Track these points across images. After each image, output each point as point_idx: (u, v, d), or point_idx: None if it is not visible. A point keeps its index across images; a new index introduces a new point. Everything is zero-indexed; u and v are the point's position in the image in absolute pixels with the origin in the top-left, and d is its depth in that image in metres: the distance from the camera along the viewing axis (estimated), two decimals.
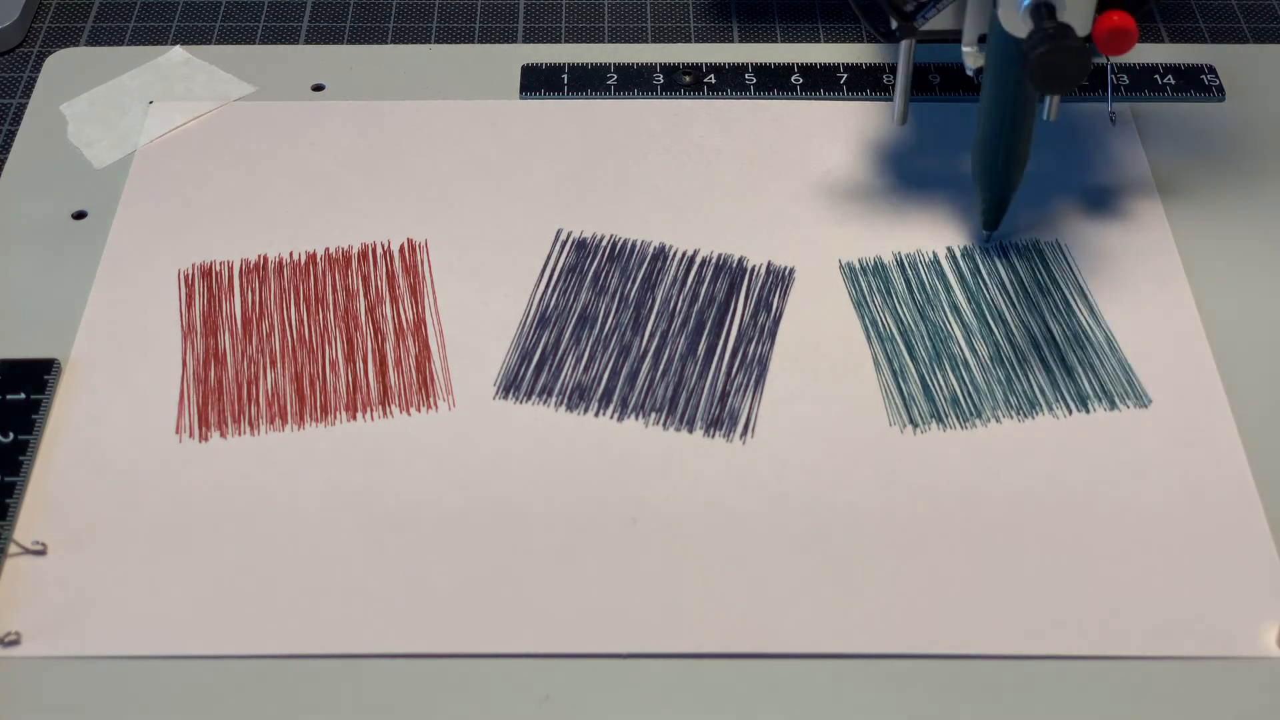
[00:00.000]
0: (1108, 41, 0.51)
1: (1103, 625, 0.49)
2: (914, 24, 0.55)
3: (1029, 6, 0.50)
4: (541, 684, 0.47)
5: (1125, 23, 0.51)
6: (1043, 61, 0.48)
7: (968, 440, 0.54)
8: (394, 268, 0.59)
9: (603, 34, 0.71)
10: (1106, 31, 0.51)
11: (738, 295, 0.58)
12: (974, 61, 0.56)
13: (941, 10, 0.55)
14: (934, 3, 0.55)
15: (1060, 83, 0.48)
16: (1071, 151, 0.64)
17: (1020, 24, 0.51)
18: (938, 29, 0.56)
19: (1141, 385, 0.55)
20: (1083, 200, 0.62)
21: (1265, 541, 0.51)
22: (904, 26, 0.55)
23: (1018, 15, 0.51)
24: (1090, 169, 0.63)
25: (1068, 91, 0.49)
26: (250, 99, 0.66)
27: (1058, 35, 0.48)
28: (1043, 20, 0.49)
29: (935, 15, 0.55)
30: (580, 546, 0.51)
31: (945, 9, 0.55)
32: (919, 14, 0.55)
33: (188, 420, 0.54)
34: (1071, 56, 0.48)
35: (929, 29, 0.56)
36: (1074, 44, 0.48)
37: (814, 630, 0.49)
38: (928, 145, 0.64)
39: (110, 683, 0.47)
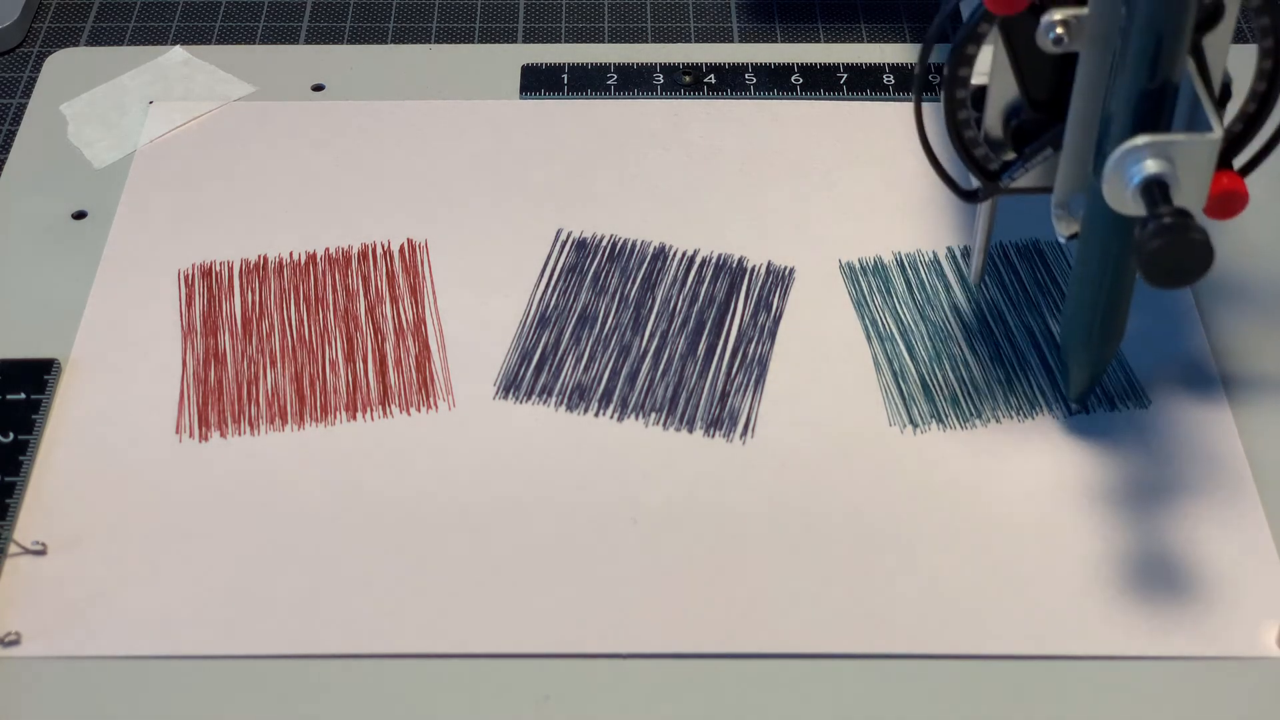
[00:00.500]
0: (1217, 207, 0.45)
1: (1103, 625, 0.49)
2: (999, 184, 0.50)
3: (1140, 185, 0.43)
4: (541, 684, 0.47)
5: (1235, 185, 0.45)
6: (1161, 256, 0.41)
7: (968, 440, 0.54)
8: (394, 268, 0.59)
9: (603, 34, 0.71)
10: (1216, 197, 0.45)
11: (738, 295, 0.58)
12: (1066, 229, 0.50)
13: (1030, 170, 0.49)
14: (1022, 162, 0.49)
15: (1181, 276, 0.42)
16: None
17: (1130, 204, 0.44)
18: (1025, 186, 0.50)
19: (1141, 385, 0.55)
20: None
21: (1265, 541, 0.51)
22: (987, 187, 0.50)
23: (1127, 194, 0.44)
24: None
25: (1189, 284, 0.42)
26: (250, 99, 0.66)
27: (1178, 227, 0.41)
28: (1157, 204, 0.42)
29: (1023, 175, 0.49)
30: (580, 546, 0.51)
31: (1034, 170, 0.49)
32: (1004, 174, 0.50)
33: (188, 420, 0.54)
34: (1194, 250, 0.41)
35: (1015, 187, 0.50)
36: (1197, 236, 0.41)
37: (814, 630, 0.49)
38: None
39: (110, 683, 0.47)
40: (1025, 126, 0.49)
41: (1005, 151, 0.50)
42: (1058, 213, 0.50)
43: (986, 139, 0.49)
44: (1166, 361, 0.56)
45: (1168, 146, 0.43)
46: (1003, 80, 0.48)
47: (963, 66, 0.47)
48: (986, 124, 0.49)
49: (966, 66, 0.48)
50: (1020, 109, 0.49)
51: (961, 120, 0.49)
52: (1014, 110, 0.49)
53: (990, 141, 0.49)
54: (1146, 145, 0.43)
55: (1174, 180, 0.43)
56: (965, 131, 0.49)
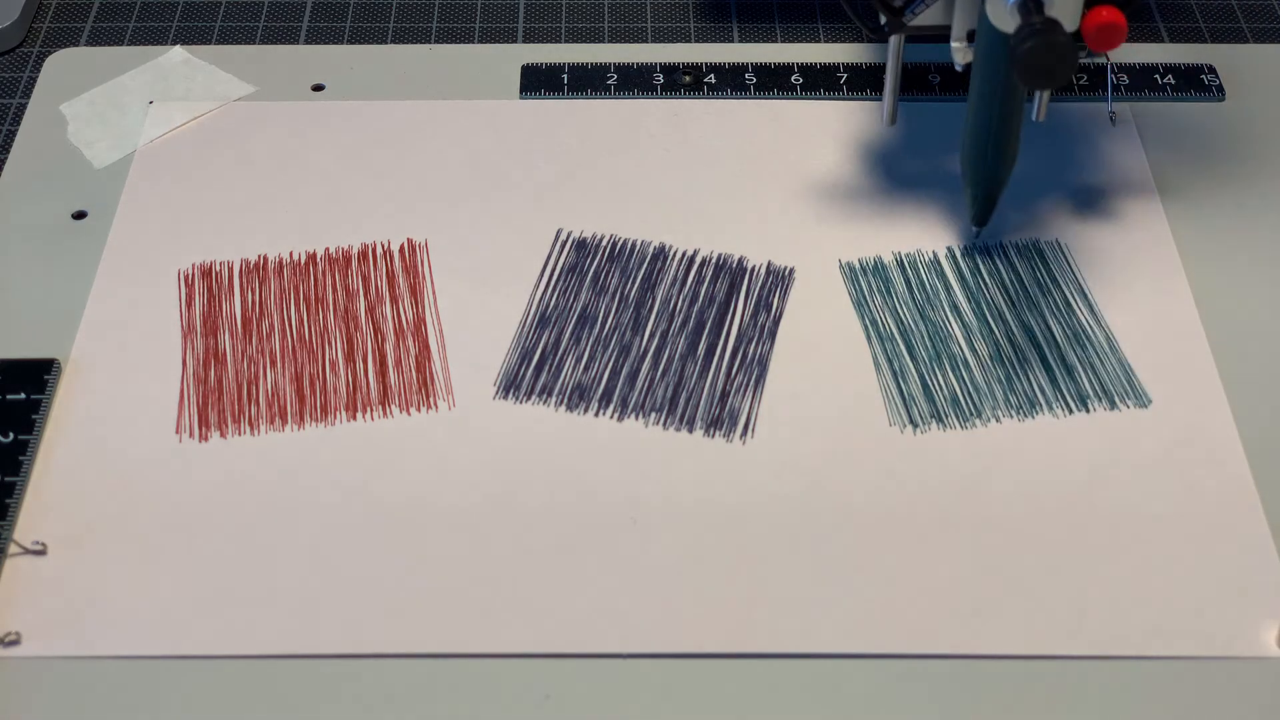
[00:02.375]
0: (1097, 36, 0.50)
1: (1103, 625, 0.49)
2: (902, 19, 0.54)
3: (1016, 2, 0.49)
4: (541, 684, 0.47)
5: (1114, 17, 0.50)
6: (1030, 57, 0.47)
7: (968, 440, 0.54)
8: (394, 268, 0.59)
9: (603, 34, 0.71)
10: (1095, 26, 0.50)
11: (738, 295, 0.58)
12: (962, 58, 0.55)
13: (930, 6, 0.54)
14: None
15: (1048, 78, 0.48)
16: (1072, 151, 0.64)
17: (1008, 19, 0.50)
18: (928, 25, 0.55)
19: (1141, 385, 0.55)
20: (1083, 200, 0.62)
21: (1265, 541, 0.51)
22: (892, 22, 0.55)
23: (1005, 10, 0.50)
24: (1090, 169, 0.63)
25: (1055, 86, 0.48)
26: (250, 99, 0.66)
27: (1045, 30, 0.47)
28: (1030, 15, 0.49)
29: (924, 10, 0.54)
30: (580, 546, 0.51)
31: (934, 4, 0.54)
32: (907, 9, 0.54)
33: (188, 420, 0.54)
34: (1059, 52, 0.47)
35: (918, 25, 0.55)
36: (1061, 39, 0.47)
37: (814, 630, 0.49)
38: (928, 145, 0.64)
39: (110, 683, 0.47)
40: None
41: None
42: (955, 46, 0.55)
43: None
44: (1166, 361, 0.56)
45: None
46: None
47: None
48: None
49: None
50: None
51: None
52: None
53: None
54: None
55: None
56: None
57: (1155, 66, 0.67)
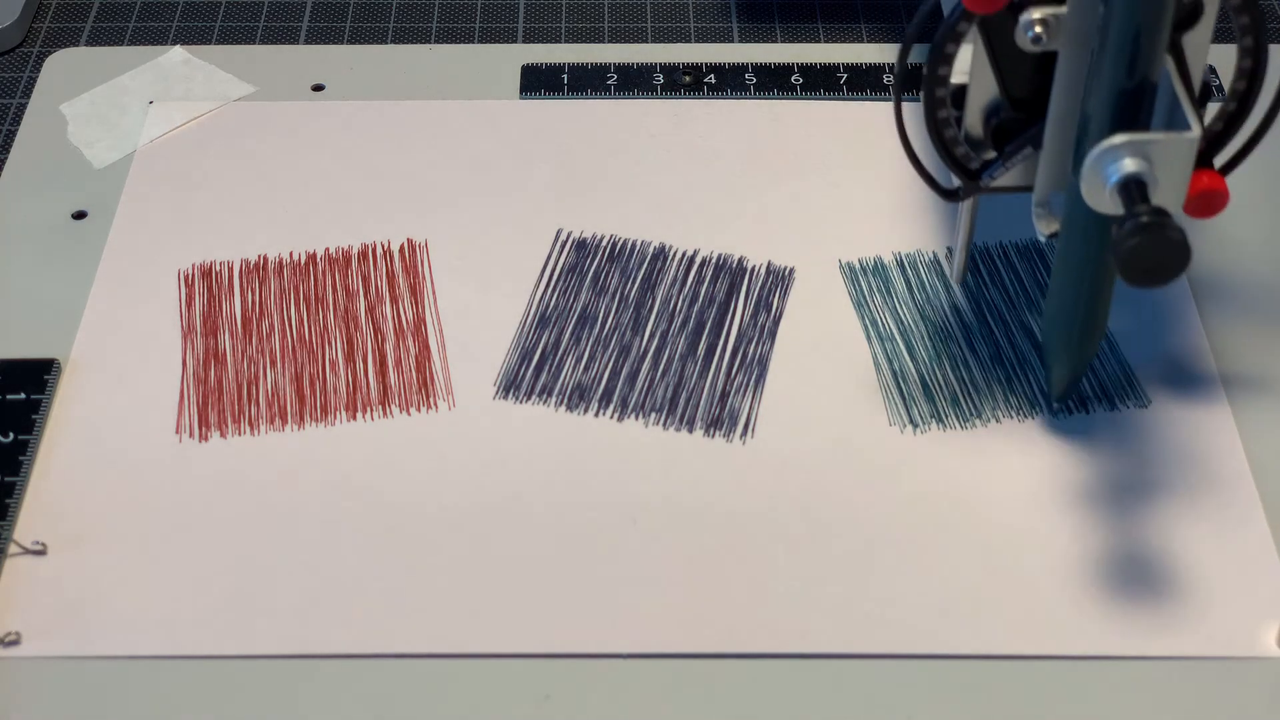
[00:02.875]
0: (1197, 206, 0.45)
1: (1103, 625, 0.49)
2: (979, 183, 0.50)
3: (1118, 184, 0.43)
4: (541, 684, 0.47)
5: (1216, 184, 0.45)
6: (1138, 255, 0.41)
7: (968, 440, 0.54)
8: (394, 268, 0.59)
9: (603, 34, 0.71)
10: (1196, 195, 0.45)
11: (738, 295, 0.58)
12: (1046, 227, 0.49)
13: (1010, 170, 0.49)
14: (1002, 161, 0.49)
15: (1158, 275, 0.42)
16: None
17: (1108, 203, 0.43)
18: (1006, 185, 0.50)
19: (1141, 385, 0.55)
20: None
21: (1265, 541, 0.51)
22: (968, 186, 0.50)
23: (1105, 193, 0.43)
24: None
25: (1166, 283, 0.42)
26: (250, 99, 0.66)
27: (1155, 226, 0.41)
28: (1134, 203, 0.42)
29: (1004, 174, 0.49)
30: (580, 546, 0.51)
31: (1015, 169, 0.49)
32: (984, 173, 0.49)
33: (188, 420, 0.54)
34: (1171, 249, 0.41)
35: (996, 186, 0.50)
36: (1174, 235, 0.41)
37: (814, 630, 0.49)
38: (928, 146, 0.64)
39: (110, 683, 0.47)
40: (1005, 125, 0.49)
41: (985, 150, 0.50)
42: (1038, 211, 0.50)
43: (967, 138, 0.49)
44: (1166, 361, 0.56)
45: (1145, 145, 0.43)
46: (982, 79, 0.48)
47: (942, 65, 0.47)
48: (967, 123, 0.49)
49: (946, 65, 0.47)
50: (1000, 107, 0.48)
51: (942, 119, 0.48)
52: (994, 109, 0.49)
53: (970, 140, 0.49)
54: (1124, 144, 0.43)
55: (1152, 179, 0.43)
56: (945, 130, 0.49)
57: None
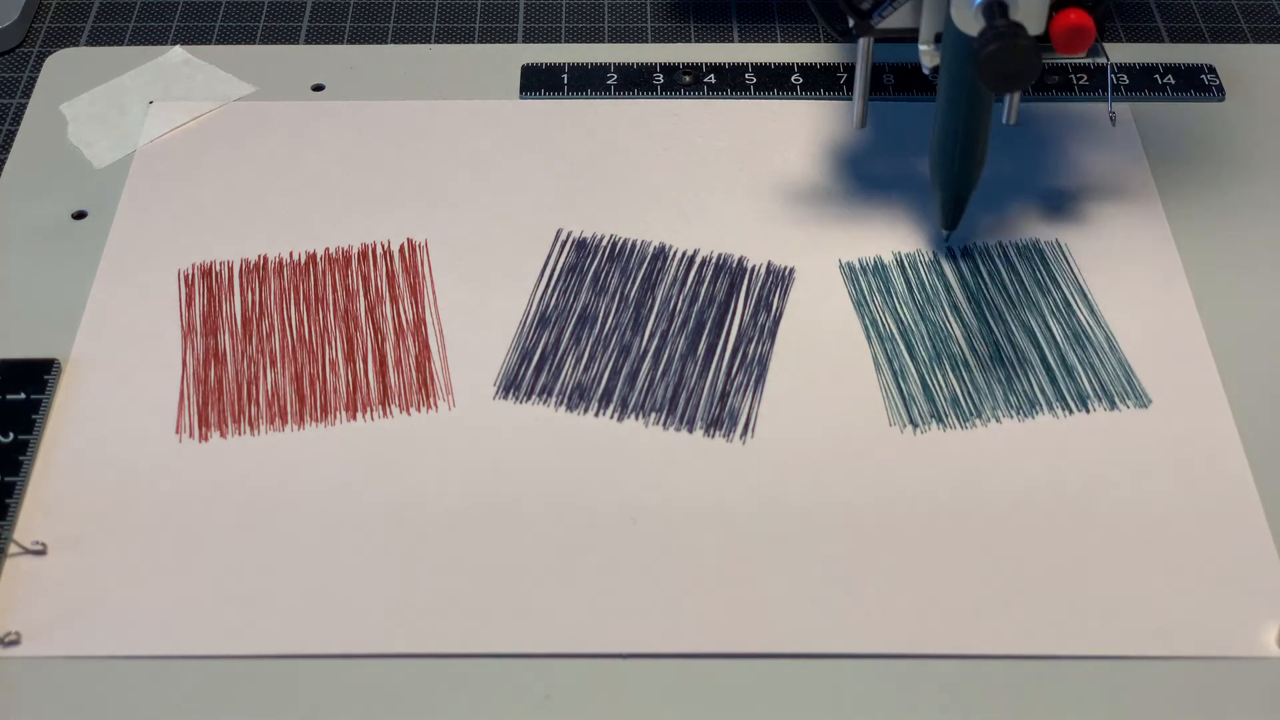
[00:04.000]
0: (1065, 40, 0.50)
1: (1103, 625, 0.49)
2: (870, 22, 0.54)
3: (981, 5, 0.49)
4: (541, 684, 0.47)
5: (1082, 20, 0.50)
6: (993, 59, 0.47)
7: (968, 440, 0.54)
8: (394, 268, 0.59)
9: (603, 34, 0.71)
10: (1063, 30, 0.50)
11: (738, 295, 0.58)
12: (930, 60, 0.55)
13: (898, 8, 0.54)
14: (889, 0, 0.54)
15: (1012, 81, 0.48)
16: (1072, 151, 0.64)
17: (973, 22, 0.50)
18: (895, 28, 0.55)
19: (1141, 385, 0.55)
20: (1083, 200, 0.62)
21: (1265, 541, 0.51)
22: (860, 25, 0.54)
23: (970, 13, 0.50)
24: (1090, 169, 0.63)
25: (1019, 89, 0.48)
26: (250, 99, 0.66)
27: (1009, 33, 0.47)
28: (994, 18, 0.48)
29: (891, 13, 0.54)
30: (580, 546, 0.51)
31: (901, 7, 0.54)
32: (875, 12, 0.54)
33: (188, 420, 0.54)
34: (1022, 55, 0.47)
35: (886, 27, 0.54)
36: (1025, 42, 0.47)
37: (814, 630, 0.49)
38: (927, 146, 0.64)
39: (110, 683, 0.47)
40: None
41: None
42: (923, 49, 0.55)
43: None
44: (1166, 361, 0.56)
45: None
46: None
47: None
48: None
49: None
50: None
51: None
52: None
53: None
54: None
55: (1012, 1, 0.49)
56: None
57: (1155, 66, 0.67)
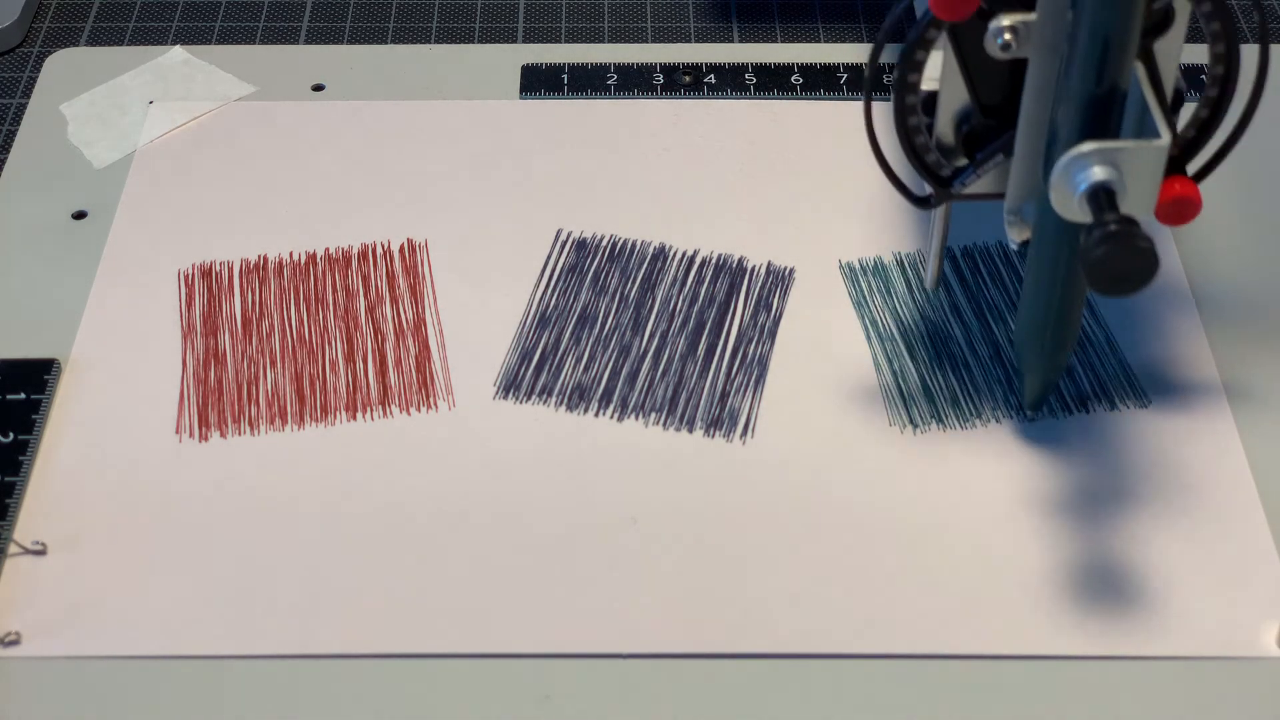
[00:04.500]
0: (1169, 213, 0.45)
1: (1103, 625, 0.49)
2: (950, 190, 0.49)
3: (1087, 192, 0.42)
4: (541, 684, 0.47)
5: (1188, 191, 0.44)
6: (1105, 264, 0.41)
7: (968, 440, 0.54)
8: (394, 268, 0.59)
9: (603, 34, 0.71)
10: (1168, 202, 0.44)
11: (738, 295, 0.58)
12: (1018, 235, 0.49)
13: (981, 177, 0.48)
14: (973, 168, 0.48)
15: (1126, 284, 0.41)
16: None
17: (1077, 211, 0.43)
18: (977, 193, 0.49)
19: (1141, 385, 0.55)
20: None
21: (1265, 541, 0.51)
22: (939, 194, 0.49)
23: (1074, 202, 0.43)
24: None
25: (1135, 292, 0.42)
26: (250, 99, 0.66)
27: (1122, 235, 0.41)
28: (1103, 211, 0.42)
29: (975, 181, 0.49)
30: (580, 546, 0.51)
31: (986, 175, 0.48)
32: (955, 180, 0.49)
33: (188, 420, 0.54)
34: (1139, 259, 0.41)
35: (968, 193, 0.49)
36: (1142, 244, 0.41)
37: (814, 630, 0.49)
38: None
39: (110, 683, 0.47)
40: (976, 132, 0.48)
41: (957, 157, 0.49)
42: (1010, 219, 0.49)
43: (938, 145, 0.49)
44: (1166, 361, 0.56)
45: (1114, 153, 0.43)
46: (953, 86, 0.48)
47: (912, 72, 0.47)
48: (938, 129, 0.49)
49: (916, 72, 0.47)
50: (971, 114, 0.48)
51: (912, 126, 0.48)
52: (965, 116, 0.48)
53: (942, 147, 0.49)
54: (1093, 152, 0.42)
55: (1121, 187, 0.43)
56: (916, 137, 0.48)
57: None
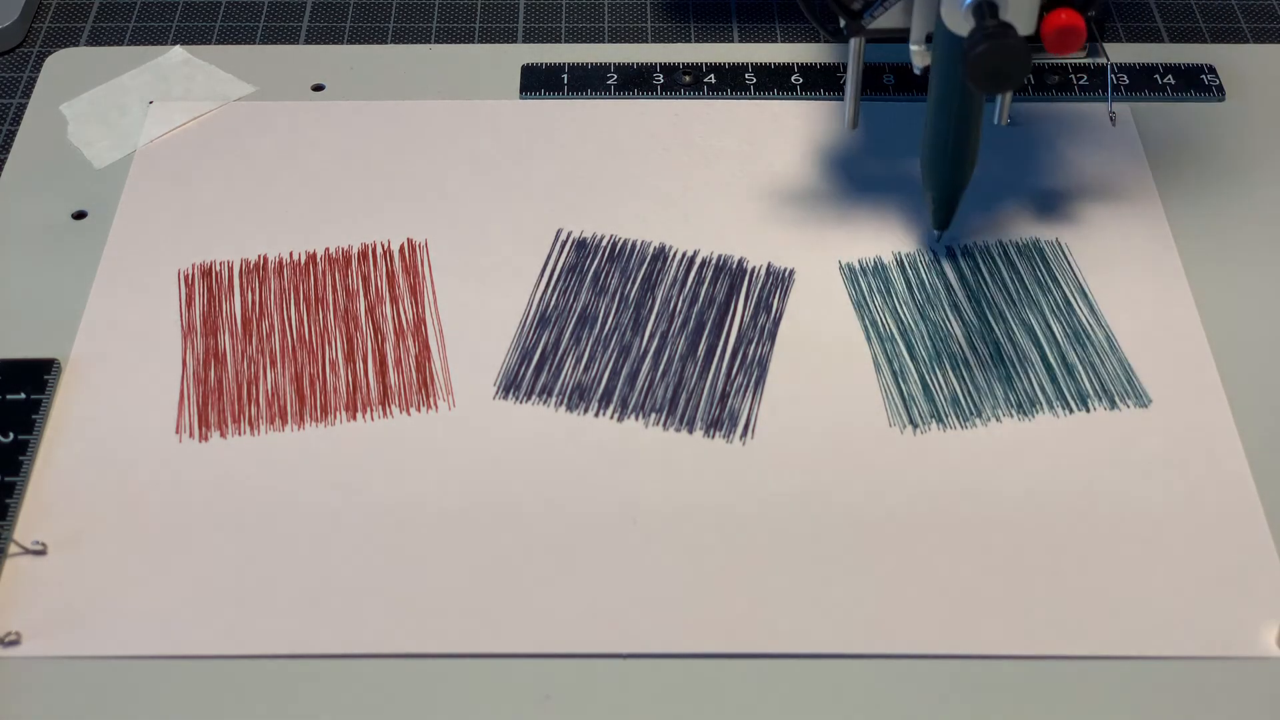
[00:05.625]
0: (1055, 40, 0.50)
1: (1103, 625, 0.49)
2: (861, 22, 0.54)
3: (971, 5, 0.49)
4: (541, 684, 0.47)
5: (1073, 20, 0.50)
6: (982, 60, 0.47)
7: (968, 440, 0.54)
8: (394, 268, 0.59)
9: (603, 34, 0.71)
10: (1054, 30, 0.50)
11: (738, 296, 0.58)
12: (921, 60, 0.55)
13: (889, 8, 0.53)
14: (881, 1, 0.53)
15: (1001, 81, 0.47)
16: (1072, 151, 0.64)
17: (963, 23, 0.50)
18: (887, 27, 0.54)
19: (1141, 385, 0.55)
20: (1083, 200, 0.62)
21: (1265, 541, 0.51)
22: (851, 25, 0.54)
23: (960, 14, 0.50)
24: (1090, 169, 0.63)
25: (1009, 90, 0.48)
26: (250, 99, 0.66)
27: (998, 34, 0.47)
28: (984, 19, 0.48)
29: (882, 13, 0.53)
30: (580, 546, 0.51)
31: (893, 7, 0.53)
32: (865, 12, 0.53)
33: (188, 420, 0.54)
34: (1012, 55, 0.47)
35: (877, 27, 0.54)
36: (1014, 42, 0.47)
37: (814, 630, 0.49)
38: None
39: (110, 683, 0.47)
40: None
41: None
42: (914, 49, 0.54)
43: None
44: (1166, 361, 0.56)
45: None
46: None
47: None
48: None
49: None
50: None
51: None
52: None
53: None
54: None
55: (1002, 1, 0.49)
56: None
57: (1155, 66, 0.67)
